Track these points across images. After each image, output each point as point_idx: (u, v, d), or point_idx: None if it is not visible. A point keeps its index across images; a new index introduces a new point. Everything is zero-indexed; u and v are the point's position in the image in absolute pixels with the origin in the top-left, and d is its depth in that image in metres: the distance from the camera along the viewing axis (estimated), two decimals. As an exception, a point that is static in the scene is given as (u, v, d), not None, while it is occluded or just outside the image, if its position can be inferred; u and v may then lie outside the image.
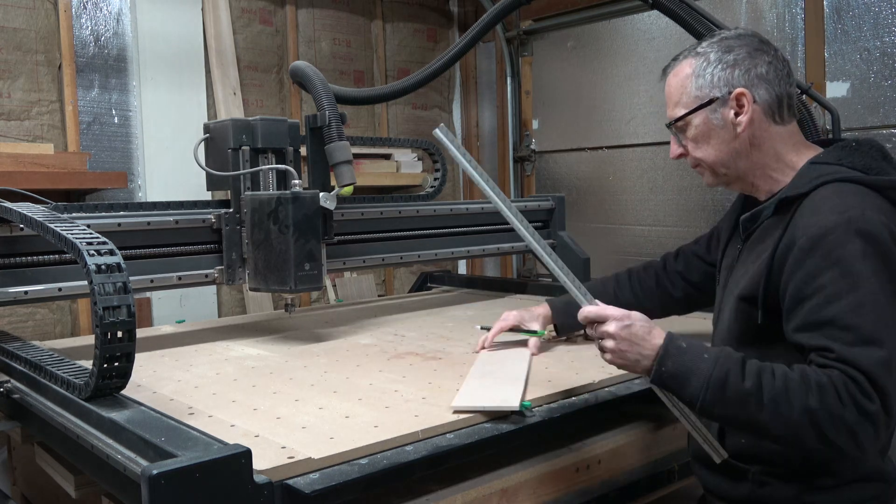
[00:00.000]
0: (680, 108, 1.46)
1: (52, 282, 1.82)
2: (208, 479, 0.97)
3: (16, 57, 2.88)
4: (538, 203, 2.93)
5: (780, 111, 1.41)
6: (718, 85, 1.40)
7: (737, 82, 1.39)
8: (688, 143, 1.48)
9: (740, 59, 1.40)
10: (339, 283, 3.77)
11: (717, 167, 1.46)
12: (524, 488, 1.42)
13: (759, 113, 1.40)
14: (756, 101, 1.39)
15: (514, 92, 4.22)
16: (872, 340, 1.18)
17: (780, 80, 1.40)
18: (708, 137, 1.44)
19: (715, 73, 1.41)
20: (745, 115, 1.39)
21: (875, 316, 1.19)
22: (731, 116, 1.40)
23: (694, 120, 1.44)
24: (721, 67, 1.40)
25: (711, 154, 1.45)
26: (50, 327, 2.97)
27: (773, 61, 1.40)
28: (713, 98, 1.41)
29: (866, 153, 1.36)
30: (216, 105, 3.37)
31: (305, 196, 1.94)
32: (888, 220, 1.25)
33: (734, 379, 1.22)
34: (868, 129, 2.88)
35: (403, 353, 1.90)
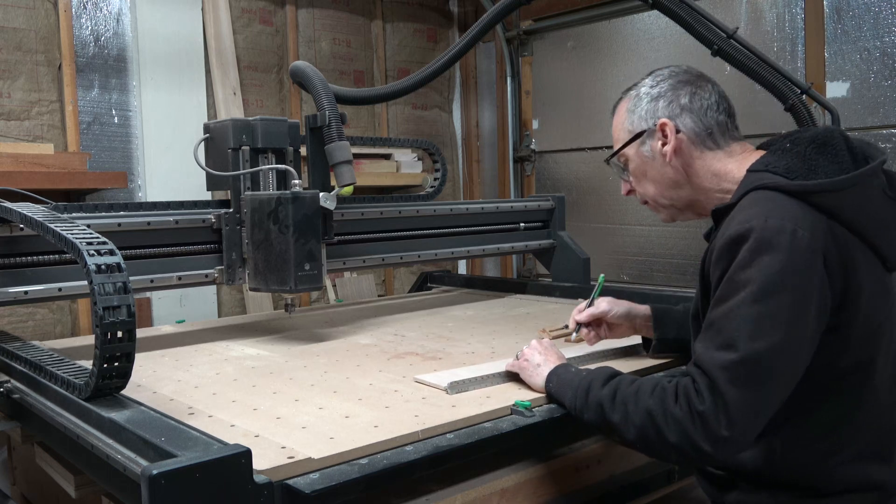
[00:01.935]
0: (617, 146, 1.52)
1: (52, 282, 1.82)
2: (208, 479, 0.97)
3: (16, 57, 2.88)
4: (538, 203, 2.93)
5: (711, 137, 1.42)
6: (645, 118, 1.46)
7: (660, 113, 1.44)
8: (633, 180, 1.53)
9: (664, 92, 1.45)
10: (339, 283, 3.77)
11: (660, 199, 1.50)
12: (524, 488, 1.42)
13: (686, 141, 1.43)
14: (681, 130, 1.42)
15: (514, 92, 4.22)
16: (728, 345, 1.19)
17: (707, 110, 1.42)
18: (644, 171, 1.49)
19: (642, 108, 1.47)
20: (669, 145, 1.43)
21: (740, 321, 1.19)
22: (658, 147, 1.44)
23: (629, 154, 1.50)
24: (647, 101, 1.46)
25: (651, 188, 1.49)
26: (50, 327, 2.97)
27: (697, 91, 1.43)
28: (642, 131, 1.46)
29: (797, 153, 1.32)
30: (216, 105, 3.37)
31: (305, 196, 1.94)
32: (797, 225, 1.20)
33: (595, 387, 1.34)
34: (868, 129, 2.88)
35: (403, 353, 1.90)
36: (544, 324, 2.20)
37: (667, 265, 3.58)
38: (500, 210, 2.78)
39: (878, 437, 1.32)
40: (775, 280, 1.18)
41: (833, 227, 1.24)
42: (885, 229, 1.30)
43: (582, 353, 1.75)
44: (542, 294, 2.84)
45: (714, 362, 1.20)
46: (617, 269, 3.79)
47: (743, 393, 1.17)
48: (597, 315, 1.75)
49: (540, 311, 2.51)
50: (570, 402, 1.39)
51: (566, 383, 1.42)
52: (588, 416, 1.34)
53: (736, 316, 1.20)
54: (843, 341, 1.25)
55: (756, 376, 1.18)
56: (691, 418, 1.19)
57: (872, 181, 1.29)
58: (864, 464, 1.30)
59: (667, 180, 1.46)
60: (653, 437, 1.24)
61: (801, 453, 1.30)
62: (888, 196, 1.32)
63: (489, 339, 2.04)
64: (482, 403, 1.43)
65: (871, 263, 1.28)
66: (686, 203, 1.48)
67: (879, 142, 2.87)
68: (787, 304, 1.18)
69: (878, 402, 1.31)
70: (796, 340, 1.20)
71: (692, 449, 1.19)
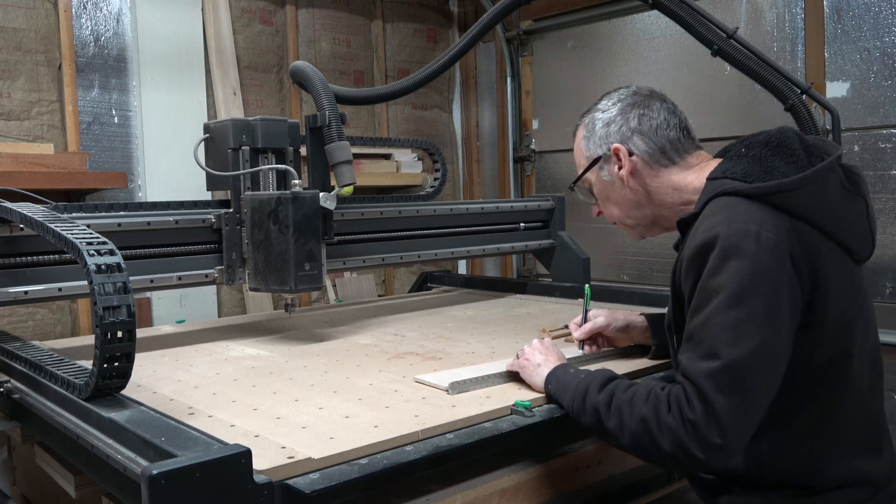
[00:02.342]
0: (579, 171, 1.59)
1: (52, 282, 1.82)
2: (208, 479, 0.97)
3: (16, 57, 2.88)
4: (538, 203, 2.93)
5: (664, 155, 1.46)
6: (600, 144, 1.51)
7: (612, 139, 1.49)
8: (598, 202, 1.59)
9: (613, 117, 1.50)
10: (339, 283, 3.77)
11: (625, 219, 1.55)
12: (524, 488, 1.42)
13: (641, 162, 1.47)
14: (634, 153, 1.47)
15: (514, 92, 4.23)
16: (709, 354, 1.21)
17: (657, 129, 1.46)
18: (606, 194, 1.55)
19: (597, 133, 1.52)
20: (624, 169, 1.48)
21: (717, 329, 1.21)
22: (616, 171, 1.50)
23: (591, 179, 1.56)
24: (600, 126, 1.51)
25: (615, 210, 1.55)
26: (50, 327, 2.97)
27: (646, 112, 1.47)
28: (598, 157, 1.52)
29: (753, 157, 1.33)
30: (216, 105, 3.37)
31: (305, 196, 1.94)
32: (760, 227, 1.22)
33: (592, 391, 1.35)
34: (868, 129, 2.88)
35: (403, 353, 1.90)
36: (544, 324, 2.20)
37: (667, 265, 3.57)
38: (500, 210, 2.78)
39: (865, 431, 1.34)
40: (746, 284, 1.20)
41: (796, 226, 1.25)
42: (847, 223, 1.31)
43: (582, 353, 1.75)
44: (542, 294, 2.84)
45: (699, 372, 1.21)
46: (617, 269, 3.79)
47: (731, 399, 1.18)
48: (595, 331, 1.77)
49: (540, 311, 2.51)
50: (568, 404, 1.40)
51: (565, 385, 1.43)
52: (585, 419, 1.36)
53: (713, 324, 1.22)
54: (816, 338, 1.26)
55: (741, 381, 1.19)
56: (684, 427, 1.20)
57: (829, 177, 1.30)
58: (854, 458, 1.31)
59: (628, 201, 1.51)
60: (647, 445, 1.25)
61: (789, 455, 1.30)
62: (847, 189, 1.33)
63: (489, 339, 2.04)
64: (482, 403, 1.43)
65: (838, 259, 1.30)
66: (651, 220, 1.52)
67: (879, 142, 2.87)
68: (761, 307, 1.20)
69: (860, 396, 1.33)
70: (774, 341, 1.21)
71: (685, 456, 1.21)
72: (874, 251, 1.37)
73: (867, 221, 1.36)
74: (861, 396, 1.33)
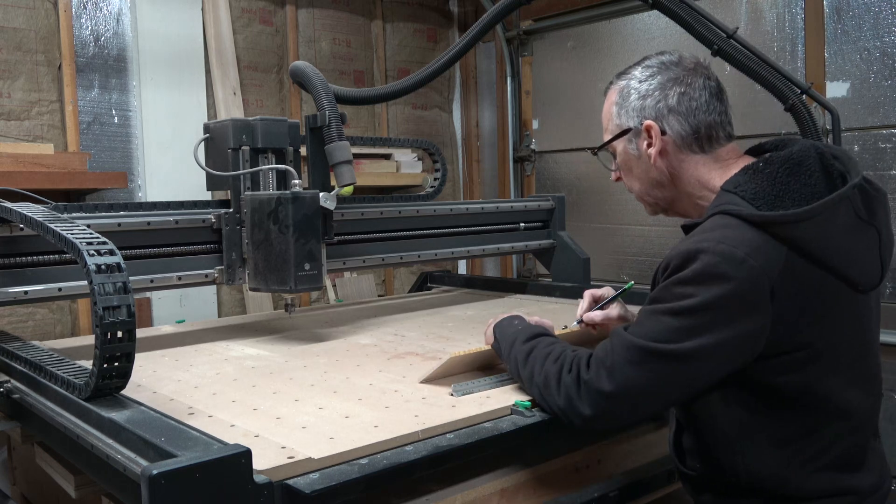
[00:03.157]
0: (606, 135, 1.50)
1: (52, 282, 1.82)
2: (208, 479, 0.97)
3: (16, 57, 2.88)
4: (538, 203, 2.93)
5: (698, 141, 1.38)
6: (633, 115, 1.42)
7: (647, 114, 1.40)
8: (620, 171, 1.52)
9: (652, 90, 1.40)
10: (339, 283, 3.77)
11: (644, 196, 1.50)
12: (524, 488, 1.42)
13: (672, 144, 1.39)
14: (667, 133, 1.39)
15: (514, 92, 4.22)
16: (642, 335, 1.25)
17: (696, 111, 1.38)
18: (630, 167, 1.48)
19: (632, 104, 1.42)
20: (654, 148, 1.40)
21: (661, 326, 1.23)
22: (644, 147, 1.42)
23: (617, 147, 1.48)
24: (636, 97, 1.42)
25: (636, 184, 1.49)
26: (50, 327, 2.97)
27: (687, 91, 1.38)
28: (628, 128, 1.43)
29: (769, 175, 1.28)
30: (216, 105, 3.37)
31: (305, 196, 1.94)
32: (748, 255, 1.19)
33: (518, 342, 1.47)
34: (868, 129, 2.88)
35: (403, 353, 1.90)
36: (544, 324, 2.19)
37: (667, 265, 3.57)
38: (500, 210, 2.78)
39: (849, 451, 1.31)
40: (709, 306, 1.20)
41: (791, 260, 1.21)
42: (853, 256, 1.27)
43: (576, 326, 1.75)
44: (542, 294, 2.84)
45: (622, 339, 1.27)
46: (617, 269, 3.79)
47: (632, 373, 1.24)
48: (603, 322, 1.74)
49: (540, 311, 2.51)
50: (503, 352, 1.52)
51: (503, 335, 1.54)
52: (509, 366, 1.50)
53: (659, 320, 1.24)
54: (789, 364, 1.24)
55: (650, 367, 1.23)
56: (576, 385, 1.29)
57: (838, 209, 1.26)
58: (835, 473, 1.29)
59: (651, 179, 1.45)
60: (547, 399, 1.35)
61: (766, 464, 1.29)
62: (860, 219, 1.29)
63: (489, 339, 2.04)
64: (482, 403, 1.43)
65: (836, 291, 1.26)
66: (668, 202, 1.48)
67: (879, 142, 2.87)
68: (711, 325, 1.20)
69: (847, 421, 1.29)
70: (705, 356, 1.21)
71: (574, 414, 1.29)
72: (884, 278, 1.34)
73: (878, 251, 1.32)
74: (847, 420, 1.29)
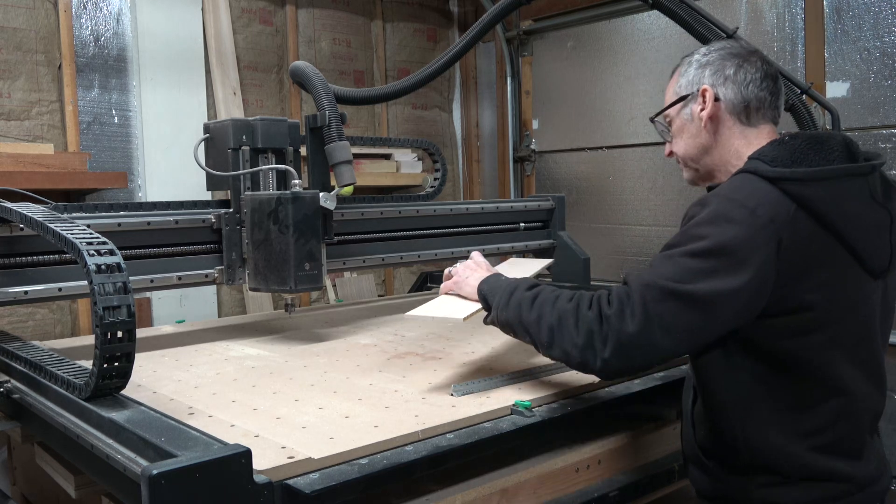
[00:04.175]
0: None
1: (52, 282, 1.82)
2: (208, 479, 0.97)
3: (16, 57, 2.88)
4: (538, 203, 2.93)
5: (746, 112, 1.48)
6: (691, 83, 1.53)
7: (705, 81, 1.50)
8: (672, 139, 1.60)
9: (712, 61, 1.51)
10: (339, 283, 3.77)
11: (688, 161, 1.57)
12: (524, 488, 1.42)
13: (723, 110, 1.49)
14: (719, 99, 1.48)
15: (514, 92, 4.22)
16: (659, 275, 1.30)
17: (751, 84, 1.47)
18: (682, 132, 1.56)
19: (691, 73, 1.54)
20: (705, 111, 1.49)
21: (677, 267, 1.29)
22: (696, 111, 1.52)
23: (672, 114, 1.58)
24: (696, 68, 1.53)
25: (682, 147, 1.57)
26: (50, 327, 2.97)
27: (744, 65, 1.48)
28: (686, 95, 1.54)
29: (790, 146, 1.37)
30: (216, 105, 3.37)
31: (305, 196, 1.94)
32: (758, 204, 1.27)
33: (520, 289, 1.47)
34: (868, 129, 2.88)
35: (403, 353, 1.90)
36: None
37: (667, 265, 3.57)
38: (500, 210, 2.78)
39: (849, 437, 1.35)
40: (723, 246, 1.26)
41: (799, 217, 1.28)
42: (861, 229, 1.33)
43: None
44: (542, 294, 2.83)
45: (640, 279, 1.31)
46: (617, 269, 3.79)
47: (652, 312, 1.27)
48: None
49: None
50: (496, 302, 1.49)
51: (495, 287, 1.54)
52: (506, 315, 1.46)
53: (676, 262, 1.30)
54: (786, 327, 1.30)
55: (668, 307, 1.27)
56: (598, 320, 1.31)
57: (853, 181, 1.33)
58: (832, 457, 1.33)
59: (699, 144, 1.53)
60: (561, 339, 1.35)
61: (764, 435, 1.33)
62: (875, 201, 1.35)
63: (489, 340, 2.04)
64: (482, 403, 1.43)
65: (842, 262, 1.32)
66: (707, 171, 1.54)
67: (879, 142, 2.87)
68: (724, 270, 1.26)
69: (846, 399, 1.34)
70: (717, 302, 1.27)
71: (591, 354, 1.31)
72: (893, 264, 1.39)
73: (889, 235, 1.37)
74: (846, 400, 1.33)
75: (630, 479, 1.60)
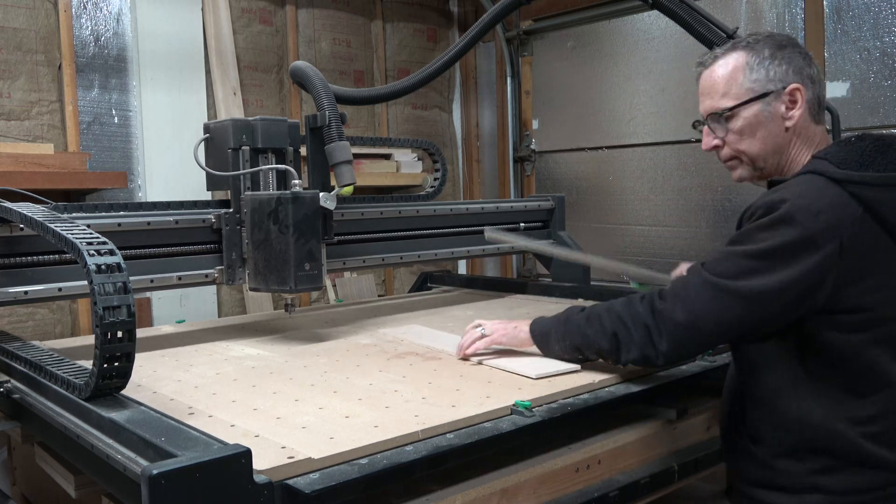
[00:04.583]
0: (728, 100, 1.49)
1: (52, 282, 1.82)
2: (208, 479, 0.97)
3: (16, 57, 2.88)
4: (538, 203, 2.93)
5: (819, 111, 1.50)
6: (774, 79, 1.46)
7: (792, 79, 1.46)
8: (730, 136, 1.51)
9: (794, 57, 1.47)
10: (339, 283, 3.77)
11: (758, 160, 1.51)
12: (524, 488, 1.42)
13: (805, 110, 1.48)
14: (807, 100, 1.47)
15: (514, 92, 4.22)
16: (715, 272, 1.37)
17: (820, 82, 1.50)
18: (755, 130, 1.48)
19: (771, 68, 1.46)
20: (797, 110, 1.46)
21: (735, 264, 1.35)
22: (782, 111, 1.46)
23: (744, 112, 1.48)
24: (777, 63, 1.46)
25: (756, 147, 1.49)
26: (50, 327, 2.97)
27: (813, 63, 1.50)
28: (768, 91, 1.46)
29: (858, 147, 1.38)
30: (216, 105, 3.37)
31: (305, 196, 1.94)
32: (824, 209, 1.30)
33: (573, 316, 1.56)
34: (868, 129, 2.88)
35: (403, 353, 1.90)
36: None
37: (667, 265, 3.57)
38: (501, 210, 2.78)
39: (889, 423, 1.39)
40: (783, 250, 1.31)
41: (865, 221, 1.31)
42: None
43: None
44: (542, 294, 2.84)
45: (698, 275, 1.38)
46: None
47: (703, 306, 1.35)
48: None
49: (540, 311, 2.50)
50: (556, 337, 1.57)
51: (546, 326, 1.61)
52: (570, 340, 1.53)
53: (735, 262, 1.35)
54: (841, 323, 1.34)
55: (721, 302, 1.34)
56: (651, 314, 1.40)
57: None
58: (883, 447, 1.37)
59: (775, 144, 1.49)
60: (622, 338, 1.43)
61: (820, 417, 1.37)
62: None
63: (489, 339, 2.04)
64: (482, 403, 1.43)
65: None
66: (774, 169, 1.52)
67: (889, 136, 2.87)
68: (776, 268, 1.31)
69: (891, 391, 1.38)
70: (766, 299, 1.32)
71: (652, 348, 1.40)
72: None
73: None
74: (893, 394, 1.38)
75: (630, 479, 1.60)
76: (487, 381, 1.60)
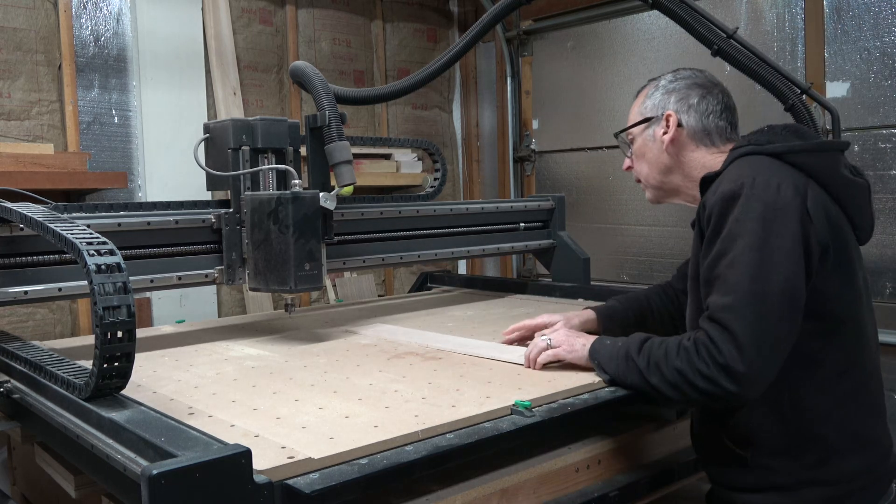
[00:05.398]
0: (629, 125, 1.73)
1: (52, 282, 1.81)
2: (208, 479, 0.97)
3: (16, 57, 2.88)
4: (538, 203, 2.93)
5: (709, 138, 1.62)
6: (656, 107, 1.66)
7: (670, 107, 1.64)
8: (634, 158, 1.73)
9: (678, 89, 1.65)
10: (339, 283, 3.77)
11: (650, 180, 1.70)
12: (524, 488, 1.42)
13: (685, 136, 1.63)
14: (682, 125, 1.62)
15: (514, 92, 4.22)
16: (734, 290, 1.35)
17: (711, 114, 1.62)
18: (643, 152, 1.69)
19: (656, 97, 1.67)
20: (668, 134, 1.63)
21: (741, 268, 1.34)
22: (659, 134, 1.65)
23: (635, 134, 1.70)
24: (662, 93, 1.66)
25: (645, 168, 1.70)
26: (50, 327, 2.97)
27: (707, 96, 1.63)
28: (650, 118, 1.67)
29: (768, 133, 1.51)
30: (216, 105, 3.37)
31: (305, 196, 1.94)
32: (781, 180, 1.38)
33: (632, 354, 1.50)
34: (868, 129, 2.88)
35: (403, 353, 1.90)
36: (544, 324, 2.19)
37: (667, 265, 3.58)
38: (500, 210, 2.78)
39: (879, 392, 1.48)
40: (768, 228, 1.34)
41: (811, 186, 1.40)
42: (855, 201, 1.47)
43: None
44: (542, 294, 2.84)
45: (722, 305, 1.35)
46: (617, 269, 3.79)
47: (752, 328, 1.31)
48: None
49: (540, 311, 2.50)
50: (614, 370, 1.53)
51: (608, 356, 1.56)
52: (631, 379, 1.49)
53: (738, 264, 1.35)
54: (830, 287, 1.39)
55: (760, 312, 1.32)
56: (716, 367, 1.33)
57: (838, 157, 1.48)
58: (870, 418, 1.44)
59: (660, 165, 1.67)
60: (687, 391, 1.38)
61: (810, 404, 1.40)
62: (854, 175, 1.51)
63: (489, 339, 2.04)
64: (482, 403, 1.43)
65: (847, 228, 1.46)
66: (673, 188, 1.68)
67: (879, 142, 2.87)
68: (780, 247, 1.33)
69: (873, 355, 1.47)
70: (792, 278, 1.34)
71: (722, 392, 1.33)
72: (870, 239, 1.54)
73: (870, 208, 1.52)
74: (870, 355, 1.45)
75: (630, 479, 1.60)
76: (487, 381, 1.60)
